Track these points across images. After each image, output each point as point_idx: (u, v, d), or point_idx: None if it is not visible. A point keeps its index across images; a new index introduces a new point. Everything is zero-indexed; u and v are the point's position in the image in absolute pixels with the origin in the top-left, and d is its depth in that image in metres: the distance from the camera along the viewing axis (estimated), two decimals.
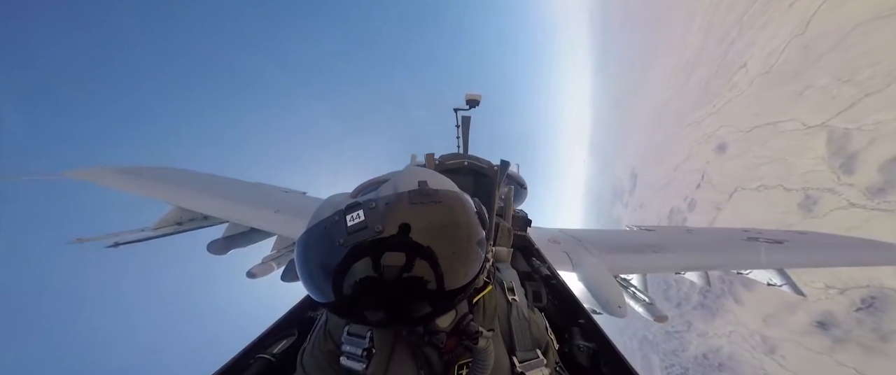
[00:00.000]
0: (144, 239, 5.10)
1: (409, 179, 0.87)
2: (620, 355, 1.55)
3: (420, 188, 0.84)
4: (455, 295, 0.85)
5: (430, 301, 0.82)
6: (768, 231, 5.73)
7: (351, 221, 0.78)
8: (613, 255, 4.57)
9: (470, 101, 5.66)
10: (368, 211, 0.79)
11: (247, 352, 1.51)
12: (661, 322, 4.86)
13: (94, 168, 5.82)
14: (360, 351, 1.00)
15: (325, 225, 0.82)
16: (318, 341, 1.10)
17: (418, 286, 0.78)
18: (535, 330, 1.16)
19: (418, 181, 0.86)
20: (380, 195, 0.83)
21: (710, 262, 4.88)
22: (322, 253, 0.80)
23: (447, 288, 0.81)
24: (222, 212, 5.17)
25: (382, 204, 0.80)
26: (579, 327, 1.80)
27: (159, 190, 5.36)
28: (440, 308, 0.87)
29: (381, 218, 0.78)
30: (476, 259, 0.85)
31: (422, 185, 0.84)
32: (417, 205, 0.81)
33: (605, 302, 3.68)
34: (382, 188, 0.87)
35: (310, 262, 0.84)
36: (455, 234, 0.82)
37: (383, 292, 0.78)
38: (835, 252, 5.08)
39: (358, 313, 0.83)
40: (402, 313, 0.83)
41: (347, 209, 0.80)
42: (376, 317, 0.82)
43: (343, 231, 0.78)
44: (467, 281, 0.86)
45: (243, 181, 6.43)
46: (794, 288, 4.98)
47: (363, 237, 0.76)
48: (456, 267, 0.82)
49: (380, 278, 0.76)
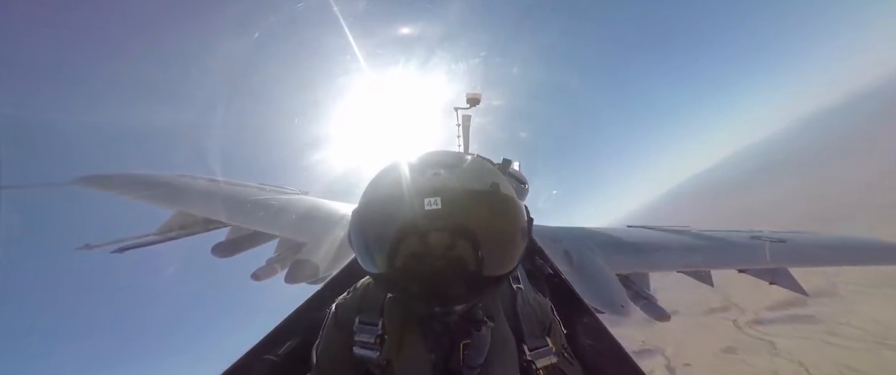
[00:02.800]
0: (149, 243, 5.13)
1: (483, 176, 0.92)
2: (625, 353, 1.56)
3: (492, 189, 0.89)
4: (494, 282, 0.93)
5: (474, 286, 0.89)
6: (770, 230, 5.72)
7: (428, 206, 0.81)
8: (615, 254, 4.58)
9: (470, 100, 5.68)
10: (446, 200, 0.82)
11: (252, 354, 1.51)
12: (662, 321, 4.86)
13: (99, 176, 5.87)
14: (372, 339, 1.03)
15: (395, 201, 0.85)
16: (330, 333, 1.13)
17: (467, 271, 0.84)
18: (541, 314, 1.19)
19: (491, 183, 0.90)
20: (452, 184, 0.86)
21: (713, 261, 4.88)
22: (389, 227, 0.83)
23: (489, 275, 0.87)
24: (226, 216, 5.21)
25: (459, 194, 0.84)
26: (583, 326, 1.81)
27: (163, 196, 5.40)
28: (479, 293, 0.96)
29: (455, 209, 0.82)
30: (519, 255, 0.93)
31: (494, 187, 0.90)
32: (489, 204, 0.87)
33: (608, 300, 3.69)
34: (455, 175, 0.89)
35: (372, 232, 0.89)
36: (513, 238, 0.90)
37: (437, 274, 0.83)
38: (836, 251, 5.07)
39: (404, 288, 0.90)
40: (445, 294, 0.89)
41: (426, 192, 0.83)
42: (420, 293, 0.89)
43: (417, 211, 0.81)
44: (506, 273, 0.93)
45: (245, 184, 6.46)
46: (797, 287, 4.97)
47: (435, 224, 0.80)
48: (506, 261, 0.90)
49: (439, 261, 0.82)
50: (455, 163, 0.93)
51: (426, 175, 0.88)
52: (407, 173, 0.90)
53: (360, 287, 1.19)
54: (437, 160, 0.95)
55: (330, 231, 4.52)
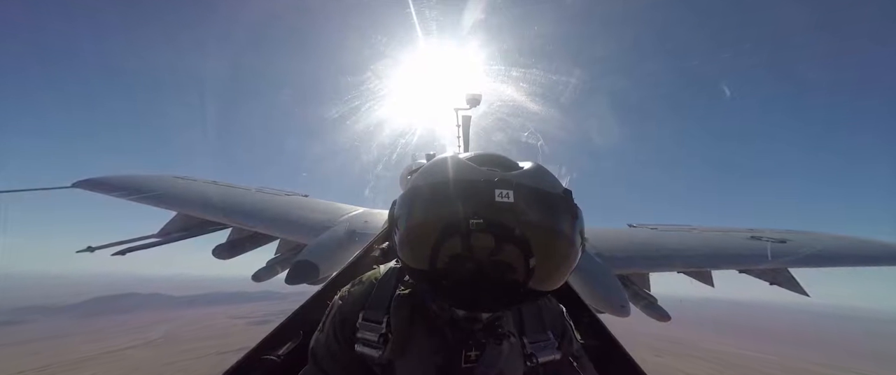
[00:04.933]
0: (151, 245, 5.14)
1: (554, 181, 0.87)
2: (626, 353, 1.55)
3: (566, 195, 0.84)
4: (538, 295, 0.87)
5: (515, 295, 0.83)
6: (771, 230, 5.71)
7: (499, 197, 0.74)
8: (616, 254, 4.57)
9: (470, 100, 5.69)
10: (519, 195, 0.76)
11: (252, 354, 1.51)
12: (663, 321, 4.84)
13: (100, 179, 5.89)
14: (376, 337, 0.98)
15: (465, 186, 0.78)
16: (331, 329, 1.07)
17: (515, 280, 0.79)
18: (547, 315, 1.15)
19: (564, 189, 0.85)
20: (527, 182, 0.80)
21: (714, 261, 4.87)
22: (452, 210, 0.76)
23: (535, 288, 0.82)
24: (226, 218, 5.23)
25: (533, 193, 0.78)
26: (583, 325, 1.81)
27: (164, 198, 5.41)
28: (516, 302, 0.89)
29: (528, 206, 0.76)
30: (569, 274, 0.88)
31: (567, 194, 0.85)
32: (562, 210, 0.81)
33: (608, 300, 3.68)
34: (526, 174, 0.84)
35: (431, 213, 0.80)
36: (573, 253, 0.83)
37: (483, 276, 0.78)
38: (837, 252, 5.05)
39: (448, 283, 0.81)
40: (486, 299, 0.83)
41: (499, 183, 0.77)
42: (461, 295, 0.83)
43: (487, 201, 0.74)
44: (554, 288, 0.87)
45: (245, 186, 6.48)
46: (797, 287, 4.96)
47: (505, 218, 0.74)
48: (557, 277, 0.85)
49: (487, 262, 0.76)
50: (514, 165, 0.88)
51: (494, 170, 0.82)
52: (469, 164, 0.84)
53: (365, 280, 1.13)
54: (495, 160, 0.89)
55: (330, 232, 4.53)
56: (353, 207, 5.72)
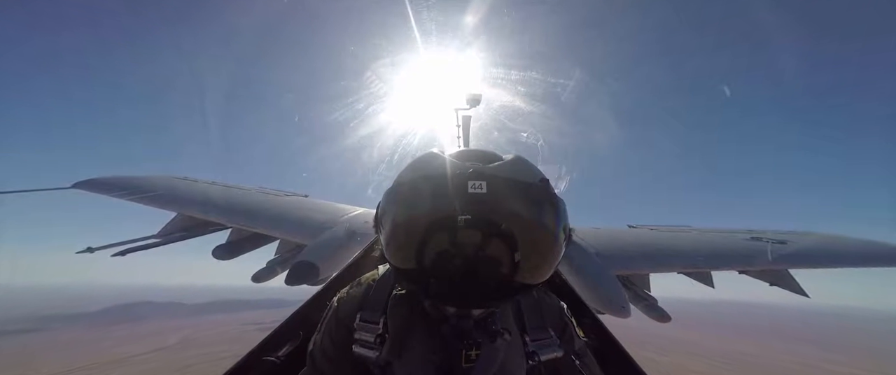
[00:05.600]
0: (151, 246, 5.14)
1: (531, 170, 0.87)
2: (626, 353, 1.55)
3: (542, 184, 0.84)
4: (526, 289, 0.87)
5: (502, 291, 0.83)
6: (771, 231, 5.70)
7: (472, 188, 0.74)
8: (616, 254, 4.56)
9: (470, 100, 5.68)
10: (492, 185, 0.75)
11: (252, 355, 1.50)
12: (663, 322, 4.84)
13: (100, 179, 5.89)
14: (372, 338, 0.98)
15: (436, 181, 0.78)
16: (329, 331, 1.08)
17: (501, 274, 0.79)
18: (548, 313, 1.14)
19: (541, 178, 0.86)
20: (500, 173, 0.80)
21: (714, 262, 4.87)
22: (424, 207, 0.77)
23: (523, 282, 0.83)
24: (226, 219, 5.22)
25: (506, 183, 0.78)
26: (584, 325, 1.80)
27: (164, 198, 5.41)
28: (506, 297, 0.88)
29: (501, 196, 0.75)
30: (555, 264, 0.87)
31: (544, 183, 0.85)
32: (537, 199, 0.81)
33: (608, 301, 3.67)
34: (502, 166, 0.84)
35: (405, 213, 0.81)
36: (556, 242, 0.83)
37: (467, 271, 0.77)
38: (837, 252, 5.05)
39: (428, 280, 0.82)
40: (475, 294, 0.82)
41: (472, 175, 0.77)
42: (449, 291, 0.82)
43: (460, 193, 0.74)
44: (541, 281, 0.88)
45: (245, 187, 6.48)
46: (797, 288, 4.95)
47: (479, 209, 0.74)
48: (544, 269, 0.85)
49: (471, 257, 0.76)
50: (496, 158, 0.89)
51: (469, 163, 0.82)
52: (448, 159, 0.84)
53: (363, 281, 1.14)
54: (478, 154, 0.90)
55: (331, 232, 4.52)
56: (353, 207, 5.72)
